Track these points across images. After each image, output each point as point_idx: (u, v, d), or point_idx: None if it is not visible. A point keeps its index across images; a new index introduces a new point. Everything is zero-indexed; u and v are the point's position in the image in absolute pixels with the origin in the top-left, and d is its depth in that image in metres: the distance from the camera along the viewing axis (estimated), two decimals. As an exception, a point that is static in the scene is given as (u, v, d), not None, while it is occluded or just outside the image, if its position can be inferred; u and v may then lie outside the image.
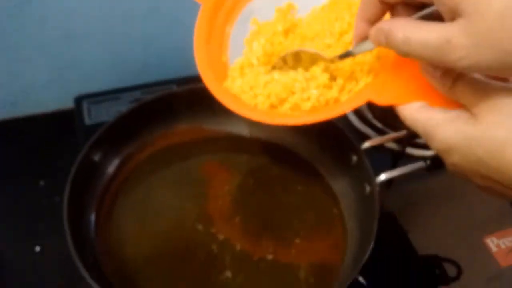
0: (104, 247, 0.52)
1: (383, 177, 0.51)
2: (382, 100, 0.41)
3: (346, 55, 0.41)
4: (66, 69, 0.73)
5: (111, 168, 0.58)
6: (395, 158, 0.68)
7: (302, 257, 0.53)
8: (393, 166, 0.56)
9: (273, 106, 0.45)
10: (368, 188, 0.52)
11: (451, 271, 0.58)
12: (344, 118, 0.44)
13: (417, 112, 0.38)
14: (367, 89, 0.42)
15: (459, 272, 0.58)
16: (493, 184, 0.35)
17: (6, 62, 0.69)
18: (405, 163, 0.54)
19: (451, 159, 0.36)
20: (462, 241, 0.61)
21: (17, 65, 0.70)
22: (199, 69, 0.47)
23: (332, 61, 0.43)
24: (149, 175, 0.59)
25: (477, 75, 0.35)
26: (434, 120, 0.36)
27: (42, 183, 0.65)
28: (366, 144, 0.54)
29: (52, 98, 0.74)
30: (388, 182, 0.51)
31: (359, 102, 0.43)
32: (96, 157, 0.56)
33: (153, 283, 0.50)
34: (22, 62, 0.70)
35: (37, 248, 0.59)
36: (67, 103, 0.73)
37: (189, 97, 0.59)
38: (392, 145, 0.69)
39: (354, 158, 0.55)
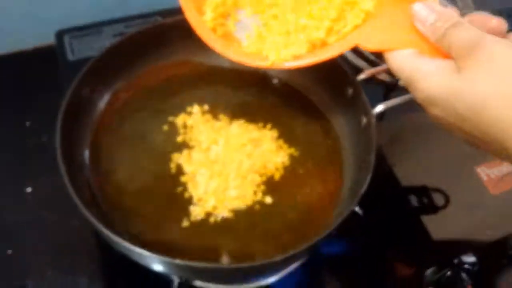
0: (99, 183, 0.51)
1: (379, 108, 0.51)
2: (371, 45, 0.40)
3: None
4: (43, 2, 0.69)
5: (101, 104, 0.56)
6: (388, 90, 0.68)
7: (301, 190, 0.53)
8: (385, 98, 0.56)
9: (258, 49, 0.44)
10: (364, 120, 0.52)
11: (439, 200, 0.59)
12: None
13: (405, 60, 0.37)
14: (356, 33, 0.41)
15: (447, 201, 0.59)
16: (474, 140, 0.35)
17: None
18: (397, 96, 0.52)
19: (432, 112, 0.36)
20: (453, 172, 0.62)
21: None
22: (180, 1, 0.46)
23: None
24: (140, 110, 0.57)
25: (472, 27, 0.35)
26: (419, 70, 0.36)
27: (28, 123, 0.64)
28: (362, 76, 0.53)
29: (31, 34, 0.71)
30: (380, 116, 0.51)
31: (346, 46, 0.42)
32: (86, 92, 0.54)
33: (147, 214, 0.50)
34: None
35: (28, 189, 0.58)
36: (47, 39, 0.70)
37: (179, 28, 0.56)
38: (385, 77, 0.68)
39: (350, 90, 0.54)
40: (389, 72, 0.67)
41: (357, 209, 0.54)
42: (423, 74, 0.35)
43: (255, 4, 0.47)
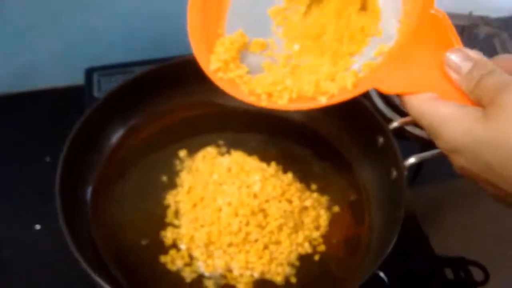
0: (100, 228, 0.49)
1: (411, 160, 0.47)
2: (388, 87, 0.37)
3: None
4: (78, 42, 0.70)
5: (115, 138, 0.55)
6: (424, 147, 0.63)
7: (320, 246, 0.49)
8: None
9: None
10: (394, 173, 0.49)
11: (478, 275, 0.54)
12: (369, 101, 0.42)
13: (425, 104, 0.35)
14: (373, 74, 0.38)
15: (486, 276, 0.54)
16: (501, 193, 0.33)
17: (15, 31, 0.67)
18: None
19: (457, 162, 0.34)
20: (491, 245, 0.58)
21: (27, 36, 0.68)
22: (190, 40, 0.44)
23: None
24: (156, 150, 0.55)
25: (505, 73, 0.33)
26: (442, 116, 0.33)
27: (48, 159, 0.63)
28: (395, 124, 0.50)
29: (62, 73, 0.72)
30: (411, 179, 0.46)
31: (361, 89, 0.38)
32: (100, 123, 0.52)
33: (140, 265, 0.47)
34: (32, 33, 0.67)
35: (37, 227, 0.57)
36: (78, 79, 0.70)
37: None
38: (420, 132, 0.63)
39: (381, 139, 0.51)
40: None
41: (381, 274, 0.48)
42: (446, 120, 0.33)
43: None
